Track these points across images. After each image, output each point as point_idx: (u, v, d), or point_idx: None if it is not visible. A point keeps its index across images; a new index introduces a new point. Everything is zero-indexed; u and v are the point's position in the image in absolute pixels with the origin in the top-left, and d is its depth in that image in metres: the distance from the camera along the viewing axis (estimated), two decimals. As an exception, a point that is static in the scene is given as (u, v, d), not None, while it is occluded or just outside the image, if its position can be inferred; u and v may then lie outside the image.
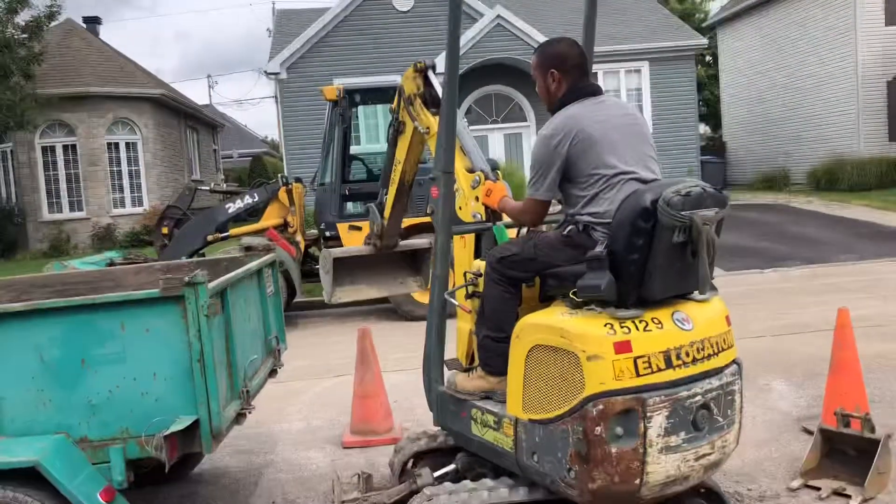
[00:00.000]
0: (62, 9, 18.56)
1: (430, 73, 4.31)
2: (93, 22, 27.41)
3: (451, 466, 3.62)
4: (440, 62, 15.91)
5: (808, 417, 5.08)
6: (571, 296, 3.03)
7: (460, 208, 3.83)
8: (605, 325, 2.88)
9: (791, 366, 6.26)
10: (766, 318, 8.16)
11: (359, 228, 9.78)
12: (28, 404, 3.25)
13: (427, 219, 7.84)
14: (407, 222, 4.49)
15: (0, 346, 3.24)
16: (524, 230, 3.70)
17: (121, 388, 3.25)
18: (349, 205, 10.35)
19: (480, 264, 3.57)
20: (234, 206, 10.55)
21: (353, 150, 11.41)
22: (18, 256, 19.69)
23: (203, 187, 12.47)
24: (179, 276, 3.29)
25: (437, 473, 3.59)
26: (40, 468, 3.02)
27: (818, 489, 4.05)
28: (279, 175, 11.64)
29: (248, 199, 10.55)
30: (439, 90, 4.19)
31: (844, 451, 4.19)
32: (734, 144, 28.06)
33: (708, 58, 33.07)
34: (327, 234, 10.26)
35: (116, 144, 21.39)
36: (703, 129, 36.55)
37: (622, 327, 2.87)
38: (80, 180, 20.95)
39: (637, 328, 2.89)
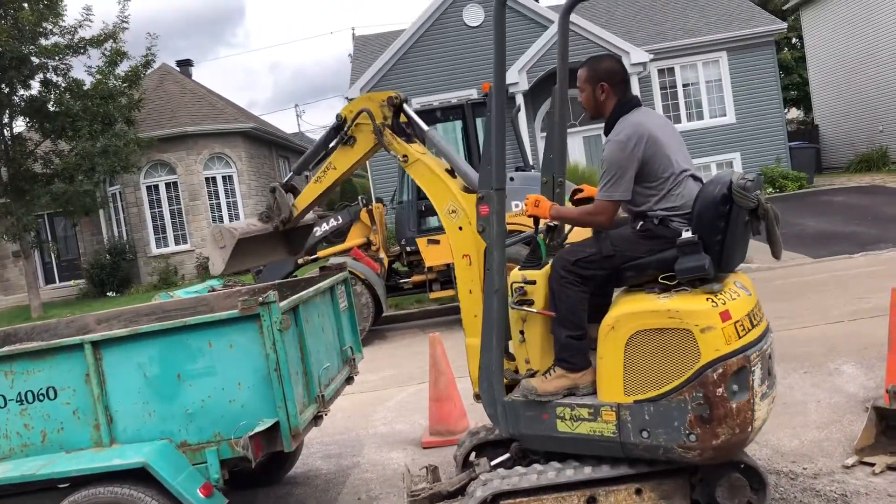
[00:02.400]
0: (156, 56, 19.88)
1: (406, 106, 4.42)
2: (185, 65, 29.24)
3: (506, 455, 3.94)
4: (514, 74, 16.36)
5: (874, 399, 5.08)
6: (662, 281, 3.42)
7: (460, 228, 4.09)
8: (707, 300, 3.27)
9: (863, 348, 6.25)
10: (845, 304, 8.07)
11: (437, 242, 10.19)
12: (136, 415, 3.78)
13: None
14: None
15: (111, 367, 3.79)
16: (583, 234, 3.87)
17: (212, 397, 3.74)
18: (426, 220, 10.71)
19: (525, 274, 3.78)
20: (320, 230, 11.06)
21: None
22: (132, 290, 21.12)
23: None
24: (257, 297, 3.76)
25: (493, 462, 3.92)
26: (149, 468, 3.54)
27: (872, 465, 4.15)
28: (360, 197, 12.17)
29: (332, 222, 11.07)
30: (418, 121, 4.41)
31: (899, 427, 4.28)
32: (827, 127, 27.10)
33: (794, 39, 32.06)
34: (408, 248, 10.70)
35: (214, 178, 22.66)
36: (796, 113, 35.34)
37: (718, 299, 3.28)
38: (182, 215, 22.32)
39: (727, 298, 3.31)
